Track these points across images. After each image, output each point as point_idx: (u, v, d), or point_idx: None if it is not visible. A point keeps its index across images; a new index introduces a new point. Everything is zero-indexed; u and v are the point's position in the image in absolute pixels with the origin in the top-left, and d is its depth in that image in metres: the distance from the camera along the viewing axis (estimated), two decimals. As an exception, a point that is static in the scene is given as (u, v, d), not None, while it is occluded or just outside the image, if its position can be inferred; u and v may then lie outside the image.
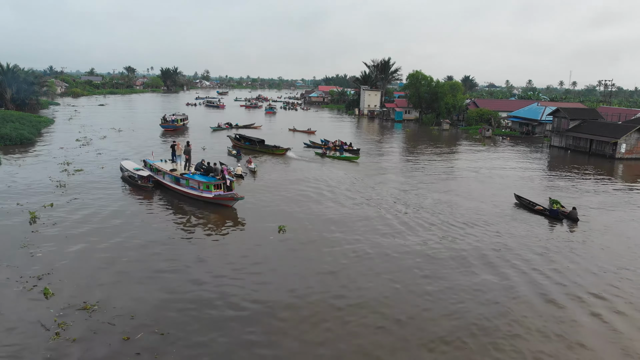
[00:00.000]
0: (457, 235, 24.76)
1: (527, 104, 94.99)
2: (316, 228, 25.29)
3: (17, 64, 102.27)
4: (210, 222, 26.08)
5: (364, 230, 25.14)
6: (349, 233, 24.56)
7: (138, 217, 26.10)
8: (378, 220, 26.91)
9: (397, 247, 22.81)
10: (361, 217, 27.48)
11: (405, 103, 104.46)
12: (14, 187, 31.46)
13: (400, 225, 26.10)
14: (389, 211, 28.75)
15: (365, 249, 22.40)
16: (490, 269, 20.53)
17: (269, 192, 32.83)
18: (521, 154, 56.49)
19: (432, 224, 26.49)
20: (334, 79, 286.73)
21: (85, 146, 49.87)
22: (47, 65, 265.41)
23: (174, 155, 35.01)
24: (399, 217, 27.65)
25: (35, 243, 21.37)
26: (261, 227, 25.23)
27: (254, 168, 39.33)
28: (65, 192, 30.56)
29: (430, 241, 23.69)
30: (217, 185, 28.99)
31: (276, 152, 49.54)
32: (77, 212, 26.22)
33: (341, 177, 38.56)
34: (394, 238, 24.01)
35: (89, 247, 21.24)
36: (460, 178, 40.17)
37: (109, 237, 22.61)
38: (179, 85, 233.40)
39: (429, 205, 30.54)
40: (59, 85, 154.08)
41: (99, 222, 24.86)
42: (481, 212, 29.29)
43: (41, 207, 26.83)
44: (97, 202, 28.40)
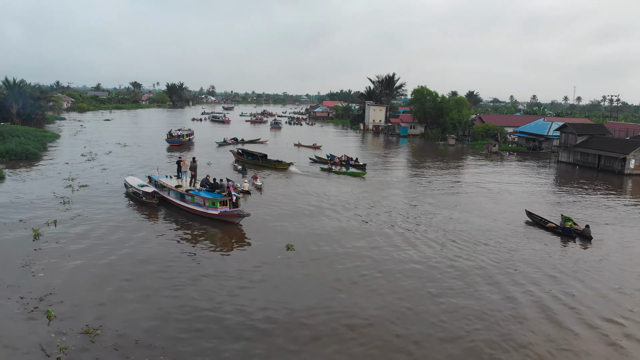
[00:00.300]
0: (468, 254, 24.12)
1: (533, 119, 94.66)
2: (325, 246, 24.75)
3: (24, 78, 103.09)
4: (216, 240, 25.60)
5: (372, 248, 24.60)
6: (358, 251, 24.01)
7: (142, 235, 25.58)
8: (386, 238, 26.36)
9: (407, 266, 22.21)
10: (369, 234, 26.94)
11: (410, 118, 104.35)
12: (18, 202, 31.11)
13: (409, 244, 25.53)
14: (397, 229, 28.21)
15: (374, 267, 21.85)
16: (503, 291, 19.88)
17: (276, 208, 32.31)
18: (529, 170, 55.93)
19: (442, 243, 25.87)
20: (339, 94, 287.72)
21: (90, 161, 49.66)
22: (54, 80, 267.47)
23: (180, 172, 34.66)
24: (408, 235, 27.09)
25: (37, 261, 20.89)
26: (268, 245, 24.71)
27: (260, 185, 38.79)
28: (70, 208, 30.16)
29: (441, 261, 23.07)
30: (223, 201, 28.51)
31: (279, 166, 49.26)
32: (80, 230, 25.78)
33: (348, 193, 38.07)
34: (404, 257, 23.44)
35: (92, 267, 20.73)
36: (469, 194, 39.62)
37: (112, 256, 22.11)
38: (184, 101, 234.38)
39: (439, 222, 29.97)
40: (65, 100, 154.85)
41: (102, 240, 24.38)
42: (492, 230, 28.70)
43: (44, 223, 26.40)
44: (101, 219, 27.94)
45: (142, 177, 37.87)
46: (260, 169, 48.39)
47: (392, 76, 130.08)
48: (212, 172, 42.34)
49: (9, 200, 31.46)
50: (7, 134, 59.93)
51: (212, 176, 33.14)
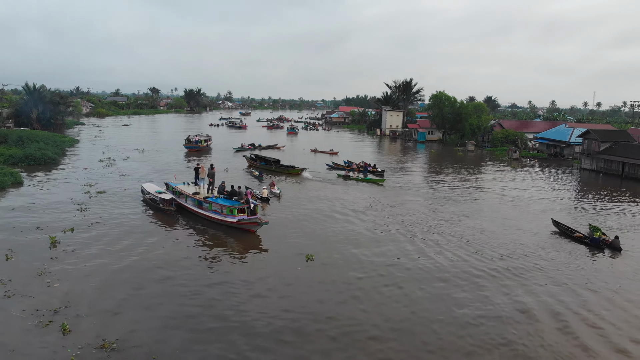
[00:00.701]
0: (492, 268, 23.18)
1: (553, 125, 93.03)
2: (345, 256, 24.06)
3: (45, 84, 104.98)
4: (234, 249, 25.05)
5: (393, 259, 23.85)
6: (379, 262, 23.30)
7: (159, 244, 25.13)
8: (407, 249, 25.60)
9: (429, 278, 21.45)
10: (390, 245, 26.20)
11: (428, 123, 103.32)
12: (35, 208, 30.99)
13: (431, 255, 24.69)
14: (418, 239, 27.42)
15: (397, 280, 21.09)
16: (530, 307, 18.95)
17: (294, 216, 31.73)
18: (551, 177, 54.67)
19: (465, 255, 24.96)
20: (355, 100, 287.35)
21: (108, 167, 49.66)
22: (74, 85, 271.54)
23: (197, 178, 34.29)
24: (429, 246, 26.27)
25: (53, 271, 20.51)
26: (288, 255, 24.11)
27: (278, 193, 38.13)
28: (87, 214, 29.93)
29: (465, 275, 22.21)
30: (241, 209, 28.01)
31: (292, 172, 48.97)
32: (97, 238, 25.45)
33: (367, 200, 37.36)
34: (426, 269, 22.65)
35: (108, 276, 20.32)
36: (492, 202, 38.64)
37: (129, 266, 21.68)
38: (202, 106, 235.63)
39: (461, 232, 29.08)
40: (84, 106, 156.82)
41: (119, 248, 23.98)
42: (518, 241, 27.70)
43: (61, 231, 26.13)
44: (118, 227, 27.62)
45: (159, 184, 37.65)
46: (273, 175, 48.14)
47: (410, 81, 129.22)
48: (230, 179, 42.06)
49: (26, 206, 31.35)
50: (27, 139, 60.40)
51: (230, 183, 32.82)
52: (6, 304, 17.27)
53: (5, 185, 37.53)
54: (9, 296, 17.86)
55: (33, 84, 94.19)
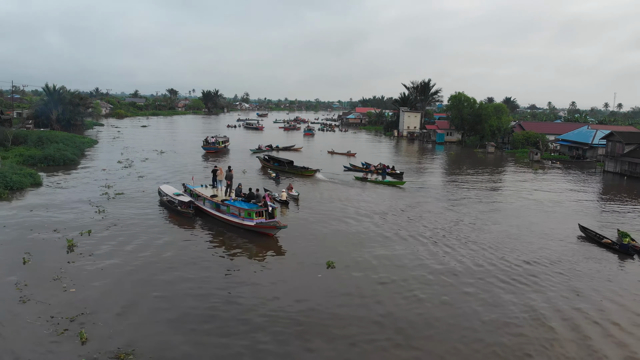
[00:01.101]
0: (521, 276, 22.13)
1: (575, 127, 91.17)
2: (367, 262, 23.35)
3: (65, 85, 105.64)
4: (252, 254, 24.50)
5: (417, 266, 23.10)
6: (403, 269, 22.58)
7: (177, 248, 24.60)
8: (431, 255, 24.80)
9: (455, 288, 20.62)
10: (413, 250, 25.44)
11: (446, 125, 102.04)
12: (53, 209, 30.89)
13: (457, 262, 23.84)
14: (442, 246, 26.53)
15: (421, 289, 20.29)
16: (560, 321, 17.98)
17: (312, 220, 31.15)
18: (575, 180, 53.35)
19: (490, 263, 23.95)
20: (371, 101, 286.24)
21: (126, 168, 49.66)
22: (94, 87, 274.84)
23: (215, 181, 33.86)
24: (453, 253, 25.35)
25: (70, 276, 20.11)
26: (307, 260, 23.45)
27: (296, 195, 37.40)
28: (105, 217, 29.65)
29: (489, 284, 21.35)
30: (259, 212, 27.50)
31: (305, 173, 48.51)
32: (114, 241, 25.01)
33: (386, 204, 36.65)
34: (452, 277, 21.84)
35: (125, 282, 19.85)
36: (516, 206, 37.60)
37: (146, 270, 21.20)
38: (219, 108, 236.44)
39: (486, 239, 28.05)
40: (103, 107, 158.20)
41: (136, 252, 23.54)
42: (544, 248, 26.70)
43: (78, 233, 25.84)
44: (136, 230, 27.23)
45: (177, 185, 37.38)
46: (286, 176, 47.87)
47: (428, 82, 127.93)
48: (247, 181, 41.73)
49: (44, 208, 31.24)
50: (46, 139, 60.81)
51: (248, 185, 32.49)
52: (21, 311, 16.91)
53: (24, 185, 37.61)
54: (24, 301, 17.51)
55: (53, 85, 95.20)
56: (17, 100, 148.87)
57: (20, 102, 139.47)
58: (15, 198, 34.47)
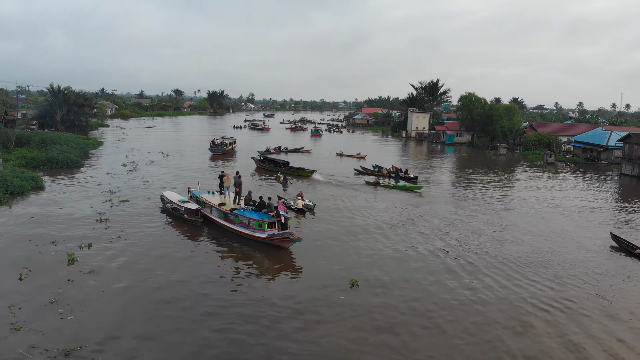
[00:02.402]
0: (551, 301, 19.85)
1: (587, 128, 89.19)
2: (393, 282, 21.16)
3: (71, 85, 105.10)
4: (265, 270, 22.58)
5: (444, 285, 21.19)
6: (430, 291, 20.50)
7: (186, 264, 22.43)
8: (457, 272, 22.86)
9: (482, 310, 18.78)
10: (437, 267, 23.38)
11: (456, 125, 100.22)
12: (55, 217, 29.30)
13: (480, 283, 21.79)
14: (465, 260, 24.53)
15: (446, 311, 18.47)
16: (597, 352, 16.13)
17: (329, 232, 28.78)
18: (593, 183, 51.59)
19: (518, 285, 21.43)
20: (377, 101, 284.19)
21: (131, 172, 48.04)
22: (99, 87, 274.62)
23: (222, 187, 32.01)
24: (478, 269, 23.40)
25: (68, 298, 18.13)
26: (327, 278, 21.42)
27: (311, 206, 33.91)
28: (108, 227, 27.77)
29: (517, 311, 19.33)
30: (271, 223, 25.66)
31: (302, 174, 47.77)
32: (119, 257, 23.01)
33: (407, 213, 34.36)
34: (477, 298, 19.93)
35: (128, 308, 17.67)
36: (537, 212, 35.77)
37: (154, 294, 18.92)
38: (224, 108, 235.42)
39: (511, 252, 25.98)
40: (109, 107, 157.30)
41: (141, 270, 21.42)
42: (574, 261, 24.81)
43: (78, 246, 24.02)
44: (141, 243, 25.27)
45: (182, 191, 35.84)
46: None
47: (436, 82, 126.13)
48: (255, 187, 40.20)
49: (45, 215, 29.75)
50: (50, 141, 59.67)
51: (256, 190, 30.81)
52: (13, 341, 15.08)
53: (25, 189, 36.30)
54: (17, 329, 15.73)
55: (58, 85, 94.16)
56: (21, 100, 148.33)
57: (26, 103, 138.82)
58: (16, 203, 33.07)
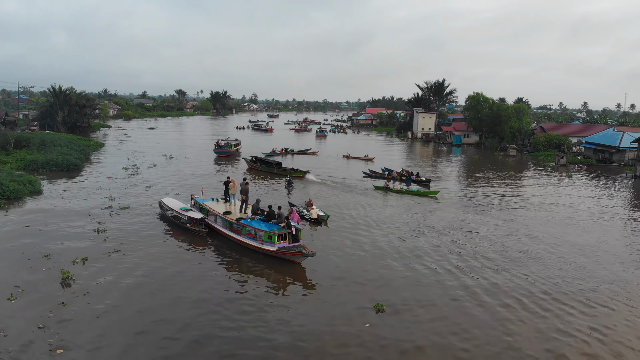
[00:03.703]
0: (580, 326, 17.68)
1: (597, 128, 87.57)
2: (424, 306, 18.78)
3: (74, 86, 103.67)
4: (275, 288, 20.32)
5: (473, 307, 19.19)
6: (465, 318, 18.41)
7: (197, 290, 19.57)
8: (487, 292, 20.94)
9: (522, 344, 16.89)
10: (462, 284, 21.40)
11: (463, 126, 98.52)
12: (51, 226, 27.56)
13: (512, 313, 19.52)
14: (496, 280, 22.49)
15: (485, 342, 16.56)
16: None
17: (346, 245, 26.00)
18: (608, 186, 49.88)
19: (547, 306, 19.35)
20: (381, 101, 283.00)
21: (133, 176, 46.23)
22: (102, 88, 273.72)
23: (227, 194, 30.05)
24: (511, 292, 21.33)
25: (59, 325, 16.07)
26: (348, 300, 19.01)
27: (325, 217, 30.81)
28: (107, 239, 25.56)
29: (551, 337, 17.53)
30: (281, 235, 23.65)
31: (295, 175, 47.21)
32: (116, 274, 20.82)
33: (425, 222, 31.70)
34: (514, 327, 18.06)
35: (125, 338, 15.55)
36: (567, 218, 33.88)
37: (155, 324, 16.62)
38: (227, 109, 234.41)
39: (547, 269, 23.77)
40: (111, 108, 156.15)
41: (143, 294, 19.06)
42: (600, 275, 22.82)
43: (71, 262, 21.84)
44: (143, 258, 23.00)
45: (185, 197, 34.22)
46: (274, 177, 47.51)
47: (442, 82, 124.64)
48: (264, 193, 38.47)
49: (40, 224, 27.99)
50: (50, 143, 58.33)
51: (263, 197, 29.01)
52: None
53: (22, 194, 34.80)
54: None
55: (59, 86, 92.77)
56: (23, 101, 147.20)
57: (28, 103, 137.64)
58: (12, 210, 31.50)
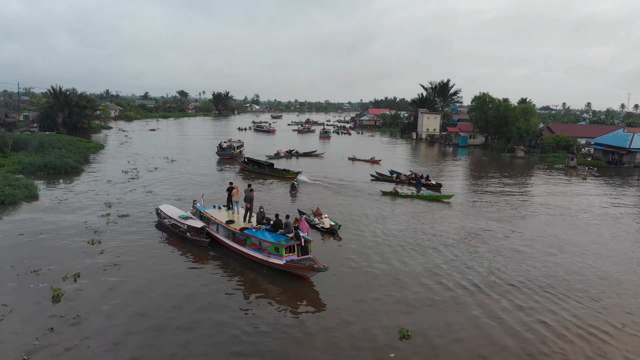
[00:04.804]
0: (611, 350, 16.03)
1: (607, 129, 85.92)
2: (455, 331, 16.92)
3: (76, 87, 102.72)
4: (285, 308, 18.57)
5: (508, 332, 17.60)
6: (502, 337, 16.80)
7: (203, 315, 17.54)
8: (515, 320, 19.28)
9: None
10: (488, 309, 19.62)
11: (469, 127, 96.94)
12: (41, 237, 25.79)
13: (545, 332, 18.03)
14: (523, 296, 20.85)
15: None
16: None
17: (359, 258, 23.94)
18: (622, 189, 48.26)
19: (578, 338, 17.21)
20: (384, 102, 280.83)
21: (133, 180, 44.61)
22: (104, 89, 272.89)
23: (230, 202, 28.16)
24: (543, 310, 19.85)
25: (44, 354, 14.57)
26: (366, 323, 17.05)
27: (336, 226, 28.46)
28: (103, 251, 23.79)
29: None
30: (290, 247, 21.78)
31: (286, 175, 47.54)
32: (109, 294, 18.94)
33: (441, 230, 29.62)
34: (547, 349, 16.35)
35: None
36: (594, 226, 32.14)
37: (149, 341, 15.28)
38: (230, 109, 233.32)
39: (577, 284, 22.23)
40: (112, 109, 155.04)
41: (139, 316, 17.16)
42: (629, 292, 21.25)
43: (62, 278, 20.18)
44: (140, 272, 21.30)
45: (186, 204, 32.65)
46: (267, 178, 47.18)
47: (447, 82, 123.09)
48: (268, 199, 36.86)
49: (33, 234, 26.26)
50: (48, 145, 57.07)
51: (269, 205, 27.45)
52: None
53: (17, 199, 33.52)
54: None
55: (59, 86, 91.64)
56: (25, 102, 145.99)
57: (29, 105, 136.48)
58: (5, 216, 30.18)
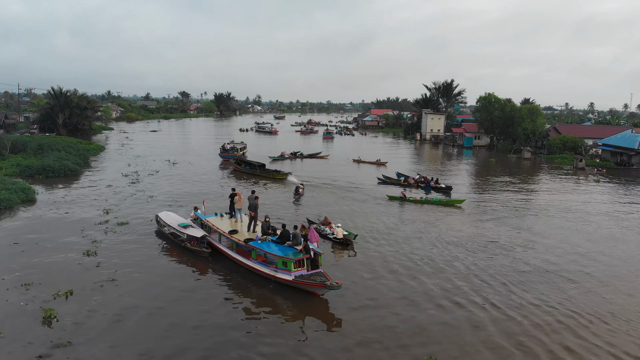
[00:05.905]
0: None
1: (614, 130, 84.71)
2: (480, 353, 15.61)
3: (78, 88, 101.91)
4: (295, 331, 17.07)
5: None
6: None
7: (206, 336, 16.19)
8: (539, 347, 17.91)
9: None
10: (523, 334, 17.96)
11: (474, 127, 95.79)
12: (35, 247, 24.41)
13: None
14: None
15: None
16: None
17: (377, 275, 22.06)
18: (635, 191, 46.96)
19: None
20: (386, 102, 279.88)
21: (134, 183, 43.26)
22: (106, 90, 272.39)
23: (233, 209, 26.40)
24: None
25: None
26: (388, 350, 15.62)
27: (349, 235, 26.53)
28: (100, 264, 22.21)
29: None
30: (299, 261, 20.12)
31: (277, 176, 48.14)
32: (104, 315, 17.29)
33: (458, 239, 28.05)
34: None
35: None
36: (620, 236, 30.50)
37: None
38: (231, 110, 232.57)
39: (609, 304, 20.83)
40: (114, 110, 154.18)
41: (135, 340, 15.69)
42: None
43: (52, 295, 18.66)
44: (140, 287, 19.86)
45: (186, 211, 31.36)
46: (258, 179, 47.16)
47: (451, 83, 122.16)
48: (274, 207, 35.49)
49: (27, 243, 24.89)
50: (47, 147, 55.98)
51: (273, 213, 26.08)
52: None
53: (13, 203, 32.46)
54: None
55: (59, 87, 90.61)
56: (26, 103, 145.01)
57: (30, 106, 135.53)
58: (1, 221, 29.05)
